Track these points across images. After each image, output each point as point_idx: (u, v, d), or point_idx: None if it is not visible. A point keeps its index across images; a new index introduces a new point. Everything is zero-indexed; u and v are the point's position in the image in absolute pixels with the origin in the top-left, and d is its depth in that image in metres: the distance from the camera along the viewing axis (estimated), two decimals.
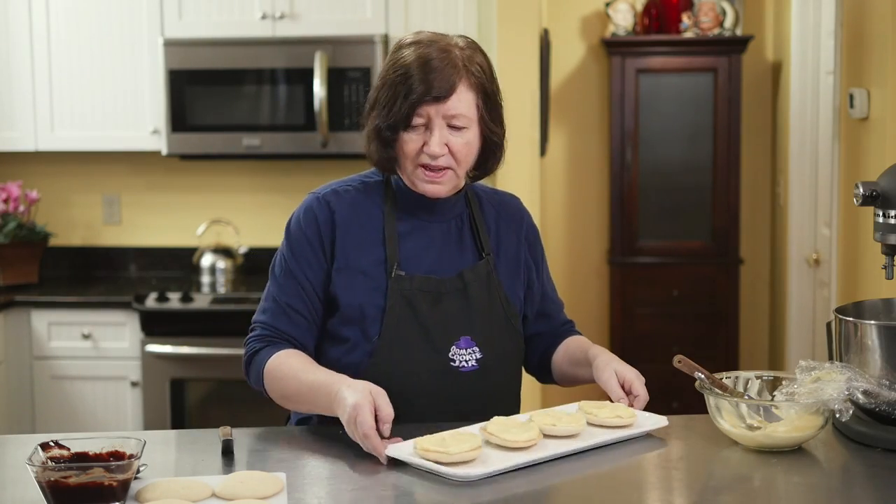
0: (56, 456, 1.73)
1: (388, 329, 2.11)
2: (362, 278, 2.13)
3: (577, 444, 1.92)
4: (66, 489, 1.64)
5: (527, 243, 2.30)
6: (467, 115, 2.09)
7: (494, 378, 2.17)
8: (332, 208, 2.16)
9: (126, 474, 1.67)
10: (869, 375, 1.94)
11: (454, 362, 2.13)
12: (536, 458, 1.85)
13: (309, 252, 2.15)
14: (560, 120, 5.49)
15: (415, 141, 2.09)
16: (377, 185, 2.21)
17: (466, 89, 2.09)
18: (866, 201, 2.05)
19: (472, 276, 2.17)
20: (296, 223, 2.18)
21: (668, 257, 5.30)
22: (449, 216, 2.21)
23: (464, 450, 1.81)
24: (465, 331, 2.15)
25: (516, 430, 1.90)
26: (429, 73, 2.06)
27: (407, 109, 2.07)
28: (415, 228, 2.18)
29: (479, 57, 2.14)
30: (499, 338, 2.19)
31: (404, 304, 2.12)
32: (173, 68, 4.43)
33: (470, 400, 2.13)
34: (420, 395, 2.11)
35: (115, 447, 1.75)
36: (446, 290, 2.15)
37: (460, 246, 2.20)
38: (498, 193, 2.33)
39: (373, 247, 2.15)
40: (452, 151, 2.09)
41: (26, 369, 4.40)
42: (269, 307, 2.16)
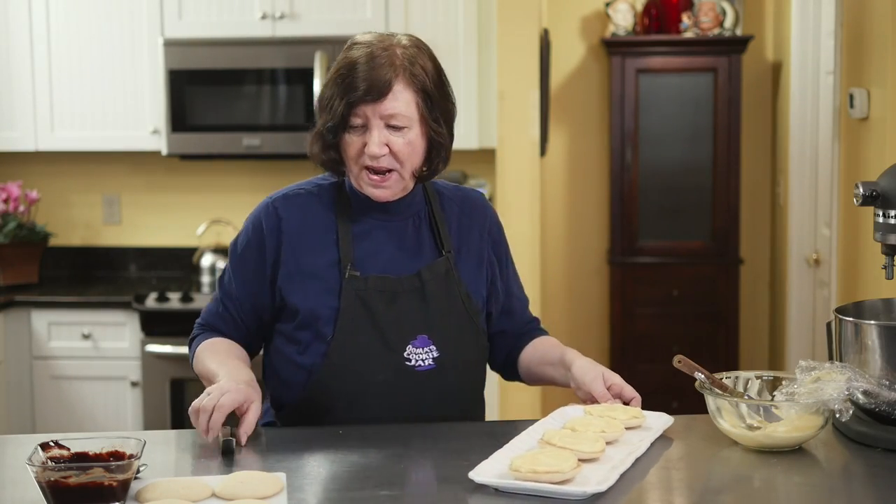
0: (56, 456, 1.73)
1: (342, 330, 2.10)
2: (315, 281, 2.13)
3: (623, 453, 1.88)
4: (66, 489, 1.64)
5: (490, 239, 2.27)
6: (406, 115, 2.07)
7: (453, 377, 2.15)
8: (279, 215, 2.17)
9: (126, 474, 1.67)
10: (869, 375, 1.94)
11: (410, 361, 2.12)
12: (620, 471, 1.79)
13: (246, 264, 2.19)
14: (560, 120, 5.49)
15: (356, 142, 2.08)
16: (331, 186, 2.21)
17: (404, 88, 2.06)
18: (866, 201, 2.05)
19: (429, 274, 2.16)
20: (243, 234, 2.22)
21: (668, 257, 5.30)
22: (406, 214, 2.19)
23: (572, 466, 1.73)
24: (421, 329, 2.13)
25: (589, 442, 1.86)
26: (365, 72, 2.04)
27: (343, 110, 2.05)
28: (371, 228, 2.17)
29: (423, 56, 2.12)
30: (458, 336, 2.17)
31: (358, 304, 2.11)
32: (173, 68, 4.44)
33: (427, 399, 2.13)
34: (375, 394, 2.11)
35: (115, 447, 1.75)
36: (403, 289, 2.14)
37: (418, 244, 2.19)
38: (461, 190, 2.31)
39: (326, 249, 2.15)
40: (393, 152, 2.07)
41: (26, 369, 4.40)
42: (212, 308, 2.26)
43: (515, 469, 1.73)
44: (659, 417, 2.06)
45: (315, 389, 2.12)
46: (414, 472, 1.84)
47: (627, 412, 2.03)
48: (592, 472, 1.76)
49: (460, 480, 1.78)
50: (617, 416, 2.02)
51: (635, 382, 5.81)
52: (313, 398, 2.13)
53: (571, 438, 1.86)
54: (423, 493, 1.76)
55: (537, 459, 1.73)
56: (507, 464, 1.76)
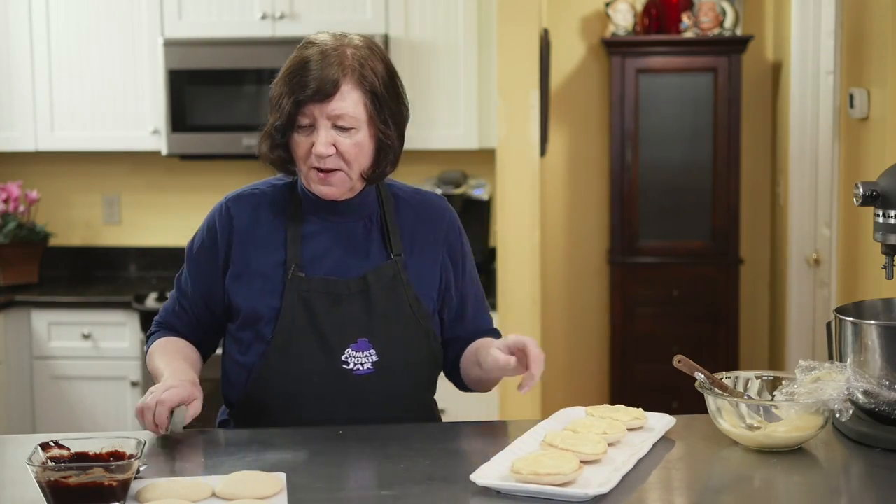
0: (56, 456, 1.73)
1: (281, 330, 2.11)
2: (260, 281, 2.14)
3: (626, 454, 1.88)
4: (66, 489, 1.64)
5: (446, 244, 2.24)
6: (354, 116, 2.06)
7: (393, 381, 2.13)
8: (231, 214, 2.19)
9: (126, 474, 1.68)
10: (869, 375, 1.94)
11: (348, 365, 2.11)
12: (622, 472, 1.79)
13: (200, 263, 2.22)
14: (560, 120, 5.48)
15: (304, 142, 2.08)
16: (285, 187, 2.21)
17: (352, 89, 2.06)
18: (866, 201, 2.05)
19: (375, 277, 2.14)
20: (198, 235, 2.25)
21: (668, 257, 5.30)
22: (357, 216, 2.18)
23: (573, 468, 1.73)
24: (362, 333, 2.12)
25: (590, 444, 1.85)
26: (313, 72, 2.04)
27: (291, 109, 2.05)
28: (322, 230, 2.17)
29: (374, 58, 2.10)
30: (401, 341, 2.15)
31: (300, 305, 2.11)
32: (173, 68, 4.44)
33: (365, 403, 2.11)
34: (312, 397, 2.11)
35: (115, 447, 1.75)
36: (348, 292, 2.13)
37: (367, 247, 2.17)
38: (420, 193, 2.28)
39: (275, 249, 2.15)
40: (341, 152, 2.07)
41: (26, 369, 4.40)
42: (169, 307, 2.29)
43: (517, 471, 1.73)
44: (661, 419, 2.06)
45: (255, 389, 2.13)
46: (414, 473, 1.84)
47: (629, 413, 2.03)
48: (594, 474, 1.76)
49: (461, 482, 1.78)
50: (619, 417, 2.01)
51: (635, 382, 5.80)
52: (254, 398, 2.14)
53: (573, 440, 1.86)
54: (423, 495, 1.76)
55: (539, 461, 1.73)
56: (508, 466, 1.76)
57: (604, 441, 1.88)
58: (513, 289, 4.28)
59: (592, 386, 5.59)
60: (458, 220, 2.30)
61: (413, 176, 4.75)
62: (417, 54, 4.46)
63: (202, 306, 2.23)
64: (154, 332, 2.29)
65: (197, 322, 2.25)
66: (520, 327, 4.28)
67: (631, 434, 1.98)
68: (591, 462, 1.82)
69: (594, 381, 5.58)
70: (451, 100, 4.48)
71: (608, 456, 1.85)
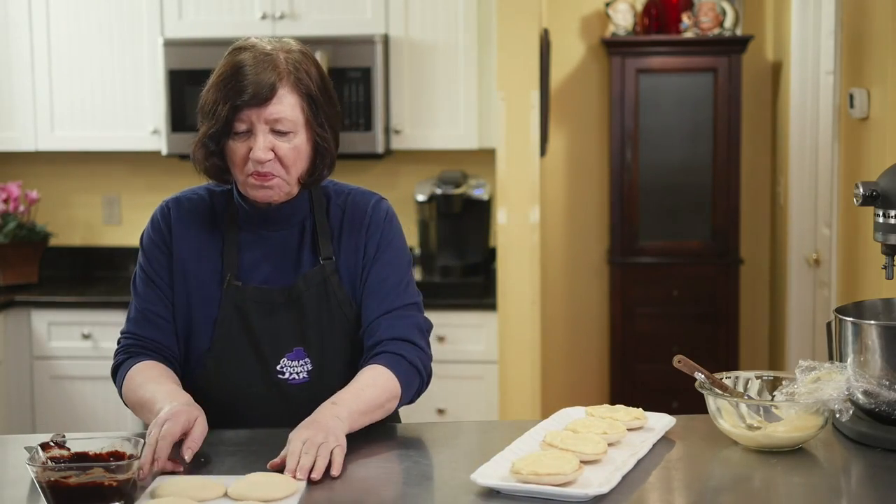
0: (56, 456, 1.73)
1: (218, 340, 2.09)
2: (197, 288, 2.11)
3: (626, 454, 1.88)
4: (66, 489, 1.64)
5: (366, 235, 2.15)
6: (291, 119, 2.03)
7: (329, 389, 2.04)
8: (170, 216, 2.16)
9: (126, 474, 1.68)
10: (869, 375, 1.94)
11: (283, 374, 2.10)
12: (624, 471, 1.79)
13: (161, 257, 2.15)
14: (560, 120, 5.48)
15: (240, 148, 2.04)
16: (223, 193, 2.18)
17: (289, 92, 2.03)
18: (866, 201, 2.05)
19: (305, 284, 2.11)
20: (146, 234, 2.19)
21: (668, 257, 5.30)
22: (290, 224, 2.15)
23: (573, 468, 1.73)
24: (297, 342, 2.10)
25: (591, 444, 1.85)
26: (248, 76, 2.01)
27: (228, 114, 2.01)
28: (257, 238, 2.14)
29: (307, 62, 2.08)
30: (335, 347, 2.12)
31: (236, 315, 2.09)
32: (173, 68, 4.44)
33: (301, 412, 1.99)
34: (249, 407, 2.10)
35: (115, 447, 1.75)
36: (281, 301, 2.10)
37: (299, 254, 2.14)
38: (351, 193, 2.20)
39: (211, 257, 2.13)
40: (279, 157, 2.04)
41: (26, 369, 4.40)
42: (132, 316, 2.16)
43: (517, 471, 1.73)
44: (660, 418, 2.06)
45: (195, 397, 2.06)
46: (414, 473, 1.84)
47: (630, 413, 2.03)
48: (594, 474, 1.76)
49: (462, 482, 1.78)
50: (619, 417, 2.01)
51: (635, 382, 5.81)
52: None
53: (573, 440, 1.86)
54: (424, 495, 1.76)
55: (539, 461, 1.73)
56: (508, 466, 1.76)
57: (604, 441, 1.88)
58: (513, 289, 4.28)
59: (592, 386, 5.58)
60: (381, 212, 2.18)
61: (413, 176, 4.76)
62: (417, 54, 4.47)
63: (168, 308, 2.14)
64: (123, 360, 2.15)
65: (170, 323, 2.14)
66: (520, 327, 4.28)
67: (631, 434, 1.98)
68: (591, 462, 1.82)
69: (594, 381, 5.58)
70: (451, 100, 4.48)
71: (608, 456, 1.85)
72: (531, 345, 4.31)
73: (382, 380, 2.02)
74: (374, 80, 4.36)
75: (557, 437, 1.88)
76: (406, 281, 2.16)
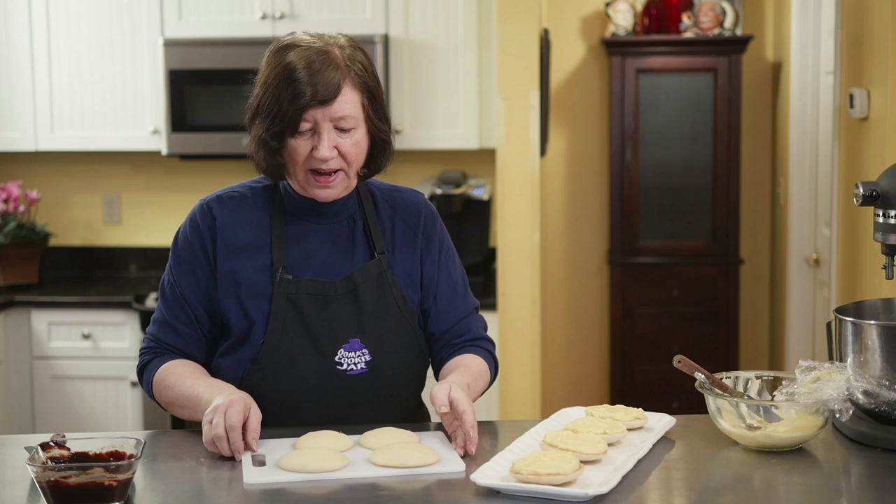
0: (56, 456, 1.73)
1: (273, 334, 2.09)
2: (247, 284, 2.11)
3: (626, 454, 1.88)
4: (66, 489, 1.64)
5: (424, 238, 2.22)
6: (354, 116, 2.05)
7: (386, 380, 2.12)
8: (214, 215, 2.16)
9: (126, 474, 1.68)
10: (869, 375, 1.94)
11: (341, 365, 2.11)
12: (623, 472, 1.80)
13: (193, 263, 2.14)
14: (560, 120, 5.49)
15: (303, 147, 2.05)
16: (264, 189, 2.19)
17: (351, 89, 2.05)
18: (866, 201, 2.05)
19: (361, 277, 2.13)
20: (182, 235, 2.18)
21: (668, 257, 5.30)
22: (340, 217, 2.17)
23: (573, 468, 1.73)
24: (354, 333, 2.12)
25: (590, 444, 1.86)
26: (312, 75, 2.01)
27: (293, 115, 2.02)
28: (305, 232, 2.15)
29: (360, 55, 2.10)
30: (391, 339, 2.15)
31: (290, 308, 2.10)
32: (173, 68, 4.44)
33: (360, 402, 2.10)
34: (306, 399, 2.10)
35: (115, 447, 1.75)
36: (335, 293, 2.12)
37: (352, 247, 2.17)
38: (398, 190, 2.27)
39: (259, 252, 2.13)
40: (342, 153, 2.06)
41: (26, 369, 4.40)
42: (157, 319, 2.18)
43: (517, 471, 1.73)
44: (661, 419, 2.06)
45: (247, 393, 2.08)
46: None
47: (630, 413, 2.03)
48: (594, 474, 1.77)
49: (462, 482, 1.78)
50: (619, 417, 2.01)
51: (635, 382, 5.80)
52: None
53: (573, 440, 1.86)
54: (424, 495, 1.76)
55: (539, 461, 1.73)
56: (508, 466, 1.77)
57: (604, 441, 1.88)
58: (513, 289, 4.28)
59: (592, 386, 5.58)
60: (434, 212, 2.28)
61: (413, 176, 4.76)
62: (417, 54, 4.47)
63: (202, 310, 2.15)
64: (150, 359, 2.17)
65: (200, 332, 2.16)
66: (520, 327, 4.28)
67: (631, 434, 1.98)
68: (591, 462, 1.82)
69: (594, 381, 5.58)
70: (451, 100, 4.48)
71: (608, 456, 1.85)
72: (531, 345, 4.31)
73: (485, 371, 2.19)
74: None
75: (557, 437, 1.88)
76: (467, 283, 2.31)
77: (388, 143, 2.13)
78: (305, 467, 1.82)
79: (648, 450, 1.91)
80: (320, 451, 1.88)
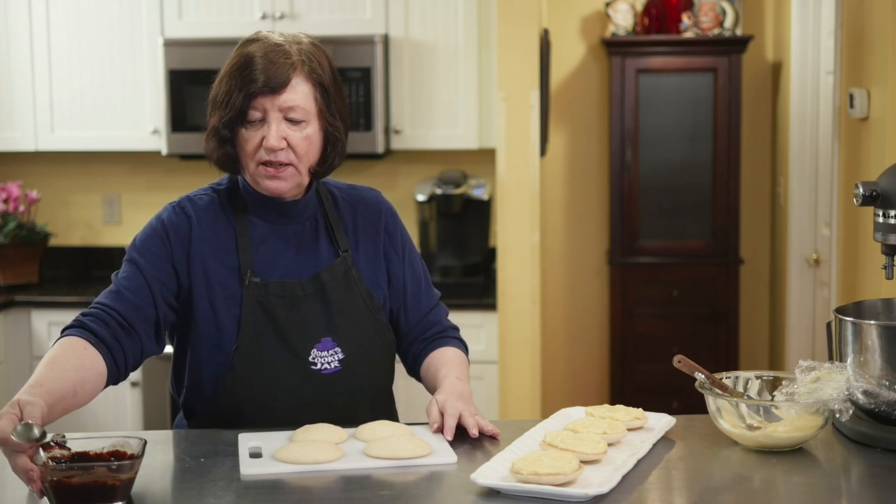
0: (57, 456, 1.73)
1: (245, 338, 2.10)
2: (217, 288, 2.12)
3: (626, 454, 1.88)
4: (69, 488, 1.64)
5: (386, 235, 2.25)
6: (304, 108, 2.06)
7: (360, 377, 2.15)
8: (187, 214, 2.16)
9: (129, 473, 1.68)
10: (869, 375, 1.94)
11: (315, 365, 2.12)
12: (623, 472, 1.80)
13: (157, 250, 2.11)
14: (560, 120, 5.49)
15: (253, 137, 2.07)
16: (227, 192, 2.19)
17: (303, 81, 2.06)
18: (866, 201, 2.05)
19: (328, 276, 2.15)
20: (150, 231, 2.14)
21: (668, 257, 5.30)
22: (302, 218, 2.18)
23: (573, 468, 1.73)
24: (325, 332, 2.13)
25: (590, 444, 1.86)
26: (263, 65, 2.04)
27: (241, 102, 2.04)
28: (269, 233, 2.16)
29: (319, 53, 2.12)
30: (362, 336, 2.16)
31: (260, 311, 2.10)
32: (173, 68, 4.44)
33: (335, 401, 2.12)
34: (282, 400, 2.11)
35: (116, 447, 1.75)
36: (304, 293, 2.13)
37: (316, 247, 2.18)
38: (355, 189, 2.29)
39: (227, 255, 2.13)
40: (292, 145, 2.07)
41: (26, 369, 4.40)
42: (107, 290, 2.12)
43: (517, 471, 1.73)
44: (660, 418, 2.06)
45: (222, 397, 2.11)
46: (415, 473, 1.84)
47: (630, 413, 2.03)
48: (594, 474, 1.77)
49: (462, 482, 1.78)
50: (619, 417, 2.01)
51: (635, 382, 5.79)
52: (221, 405, 2.12)
53: (573, 440, 1.87)
54: (424, 495, 1.76)
55: (539, 461, 1.73)
56: (508, 466, 1.77)
57: (604, 441, 1.88)
58: (513, 289, 4.28)
59: (592, 386, 5.58)
60: (393, 210, 2.31)
61: (413, 176, 4.76)
62: (417, 54, 4.47)
63: (149, 296, 2.08)
64: (68, 325, 2.06)
65: (148, 304, 2.07)
66: (520, 327, 4.28)
67: (631, 434, 1.98)
68: (591, 462, 1.82)
69: (594, 381, 5.58)
70: (451, 100, 4.48)
71: (608, 456, 1.85)
72: (531, 345, 4.31)
73: (463, 358, 2.26)
74: (373, 80, 4.36)
75: (557, 437, 1.88)
76: (428, 275, 2.35)
77: (339, 141, 2.13)
78: (301, 459, 1.85)
79: (648, 450, 1.91)
80: (316, 443, 1.90)
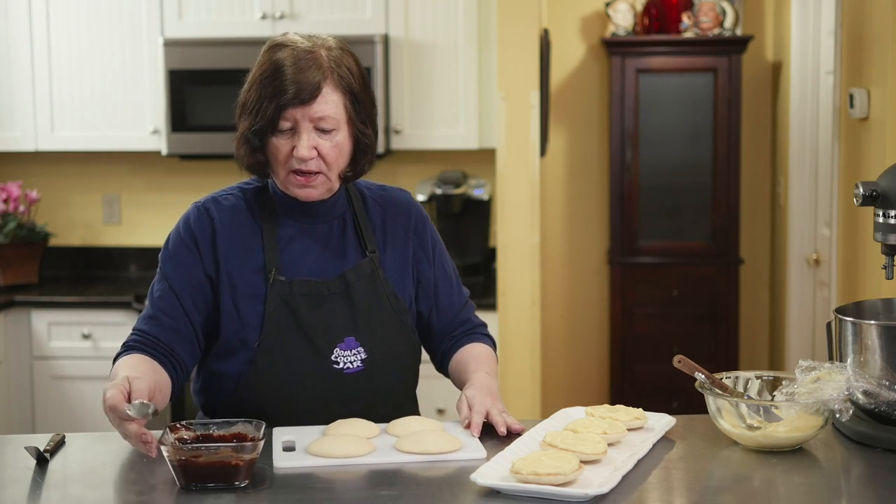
0: (182, 437, 1.81)
1: (268, 336, 2.10)
2: (242, 286, 2.12)
3: (626, 454, 1.88)
4: (196, 467, 1.73)
5: (415, 237, 2.26)
6: (335, 117, 2.06)
7: (382, 377, 2.15)
8: (211, 216, 2.16)
9: (252, 454, 1.75)
10: (869, 375, 1.94)
11: (338, 364, 2.12)
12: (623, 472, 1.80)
13: (188, 262, 2.13)
14: (560, 120, 5.49)
15: (284, 146, 2.07)
16: (255, 191, 2.20)
17: (333, 90, 2.06)
18: (866, 201, 2.05)
19: (354, 276, 2.15)
20: (175, 236, 2.17)
21: (668, 257, 5.30)
22: (330, 217, 2.19)
23: (573, 468, 1.73)
24: (348, 332, 2.13)
25: (590, 444, 1.86)
26: (294, 74, 2.03)
27: (273, 113, 2.04)
28: (297, 232, 2.17)
29: (348, 58, 2.11)
30: (386, 336, 2.17)
31: (284, 309, 2.11)
32: (173, 68, 4.43)
33: (357, 401, 2.12)
34: (304, 399, 2.11)
35: (236, 431, 1.83)
36: (328, 293, 2.13)
37: (343, 246, 2.18)
38: (385, 189, 2.30)
39: (252, 253, 2.14)
40: (322, 154, 2.07)
41: (26, 369, 4.40)
42: (143, 316, 2.14)
43: (517, 471, 1.73)
44: (660, 419, 2.06)
45: (244, 396, 2.11)
46: (415, 473, 1.84)
47: (630, 413, 2.03)
48: (594, 474, 1.77)
49: (462, 482, 1.78)
50: (619, 417, 2.01)
51: (635, 382, 5.80)
52: (243, 404, 2.12)
53: (573, 440, 1.87)
54: (424, 495, 1.76)
55: (539, 461, 1.73)
56: (508, 466, 1.77)
57: (604, 441, 1.88)
58: (513, 289, 4.28)
59: (592, 386, 5.58)
60: (423, 211, 2.31)
61: (413, 176, 4.76)
62: (417, 54, 4.47)
63: (192, 308, 2.12)
64: (119, 353, 2.10)
65: (186, 327, 2.12)
66: (520, 327, 4.28)
67: (631, 434, 1.98)
68: (591, 462, 1.82)
69: (594, 381, 5.58)
70: (451, 100, 4.48)
71: (608, 456, 1.85)
72: (531, 345, 4.31)
73: (492, 354, 2.28)
74: (374, 80, 4.36)
75: (557, 437, 1.88)
76: (458, 273, 2.37)
77: (370, 147, 2.14)
78: (332, 452, 1.89)
79: (648, 450, 1.91)
80: (348, 437, 1.94)
